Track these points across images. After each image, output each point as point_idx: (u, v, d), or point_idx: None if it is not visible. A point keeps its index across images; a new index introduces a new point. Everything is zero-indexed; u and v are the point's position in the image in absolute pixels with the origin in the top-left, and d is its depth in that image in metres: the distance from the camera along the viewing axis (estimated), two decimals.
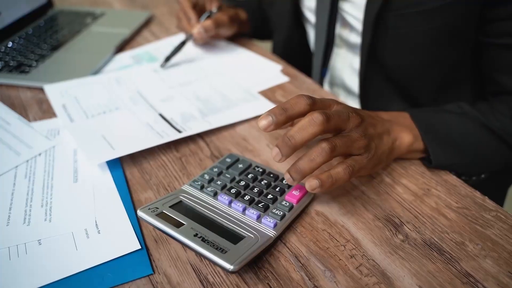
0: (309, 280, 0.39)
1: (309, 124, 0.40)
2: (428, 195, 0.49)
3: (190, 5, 0.80)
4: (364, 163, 0.44)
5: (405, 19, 0.60)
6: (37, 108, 0.65)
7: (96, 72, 0.74)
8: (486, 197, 0.48)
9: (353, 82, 0.76)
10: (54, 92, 0.66)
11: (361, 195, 0.49)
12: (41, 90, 0.69)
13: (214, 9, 0.80)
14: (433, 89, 0.68)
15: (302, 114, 0.41)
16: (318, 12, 0.73)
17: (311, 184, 0.40)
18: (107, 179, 0.50)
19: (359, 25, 0.68)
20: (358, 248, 0.42)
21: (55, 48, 0.80)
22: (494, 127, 0.55)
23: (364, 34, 0.65)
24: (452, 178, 0.51)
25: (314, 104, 0.42)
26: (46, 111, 0.64)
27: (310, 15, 0.78)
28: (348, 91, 0.78)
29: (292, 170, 0.41)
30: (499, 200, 0.78)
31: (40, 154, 0.54)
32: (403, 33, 0.62)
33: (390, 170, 0.52)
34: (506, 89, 0.60)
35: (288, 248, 0.42)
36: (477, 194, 0.49)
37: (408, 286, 0.39)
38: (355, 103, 0.78)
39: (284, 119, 0.41)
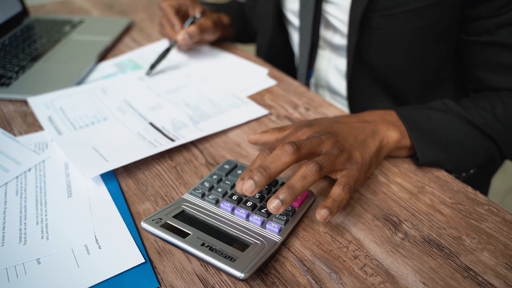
0: (316, 283, 0.40)
1: (282, 154, 0.41)
2: (422, 193, 0.50)
3: (173, 11, 0.79)
4: (356, 175, 0.45)
5: (390, 19, 0.62)
6: (22, 122, 0.63)
7: (80, 82, 0.73)
8: (478, 191, 0.50)
9: (338, 83, 0.77)
10: (39, 104, 0.65)
11: (358, 196, 0.50)
12: (24, 102, 0.67)
13: (197, 14, 0.80)
14: (419, 88, 0.69)
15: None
16: (301, 15, 0.74)
17: (321, 214, 0.40)
18: (102, 192, 0.49)
19: (343, 27, 0.69)
20: (361, 248, 0.43)
21: (34, 58, 0.78)
22: (478, 122, 0.56)
23: (350, 35, 0.66)
24: (444, 175, 0.53)
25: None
26: (31, 124, 0.62)
27: (293, 18, 0.79)
28: (334, 92, 0.79)
29: (284, 190, 0.40)
30: (484, 190, 0.80)
31: (29, 170, 0.53)
32: (389, 34, 0.63)
33: (384, 169, 0.53)
34: (487, 85, 0.62)
35: (293, 253, 0.43)
36: (469, 189, 0.50)
37: (412, 284, 0.40)
38: (340, 104, 0.79)
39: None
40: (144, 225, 0.41)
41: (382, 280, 0.40)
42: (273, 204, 0.39)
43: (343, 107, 0.78)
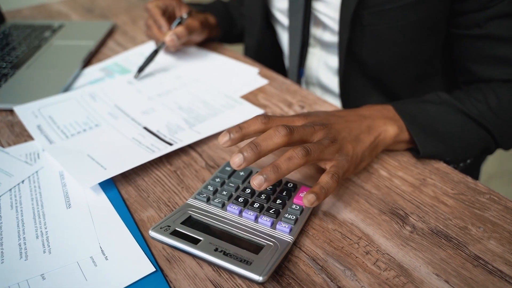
0: (331, 281, 0.39)
1: (274, 135, 0.42)
2: (424, 185, 0.50)
3: (160, 12, 0.77)
4: (346, 166, 0.46)
5: (381, 16, 0.62)
6: (9, 132, 0.60)
7: (67, 88, 0.70)
8: (478, 181, 0.51)
9: (330, 80, 0.77)
10: (26, 113, 0.62)
11: (363, 192, 0.50)
12: (9, 112, 0.64)
13: (184, 15, 0.78)
14: (410, 82, 0.70)
15: (258, 132, 0.45)
16: (291, 13, 0.73)
17: (308, 199, 0.41)
18: (102, 201, 0.48)
19: (334, 24, 0.69)
20: (371, 244, 0.43)
21: (16, 66, 0.75)
22: (473, 114, 0.57)
23: (341, 33, 0.66)
24: (443, 166, 0.53)
25: (269, 122, 0.45)
26: (19, 134, 0.60)
27: (282, 17, 0.78)
28: (325, 89, 0.80)
29: (269, 169, 0.41)
30: (474, 176, 0.82)
31: (23, 182, 0.51)
32: (380, 30, 0.64)
33: (385, 164, 0.54)
34: (478, 77, 0.63)
35: (305, 252, 0.42)
36: (469, 179, 0.51)
37: (426, 275, 0.40)
38: (332, 100, 0.79)
39: (240, 136, 0.44)
40: (152, 233, 0.40)
41: (396, 274, 0.40)
42: (256, 180, 0.40)
43: (336, 103, 0.79)
